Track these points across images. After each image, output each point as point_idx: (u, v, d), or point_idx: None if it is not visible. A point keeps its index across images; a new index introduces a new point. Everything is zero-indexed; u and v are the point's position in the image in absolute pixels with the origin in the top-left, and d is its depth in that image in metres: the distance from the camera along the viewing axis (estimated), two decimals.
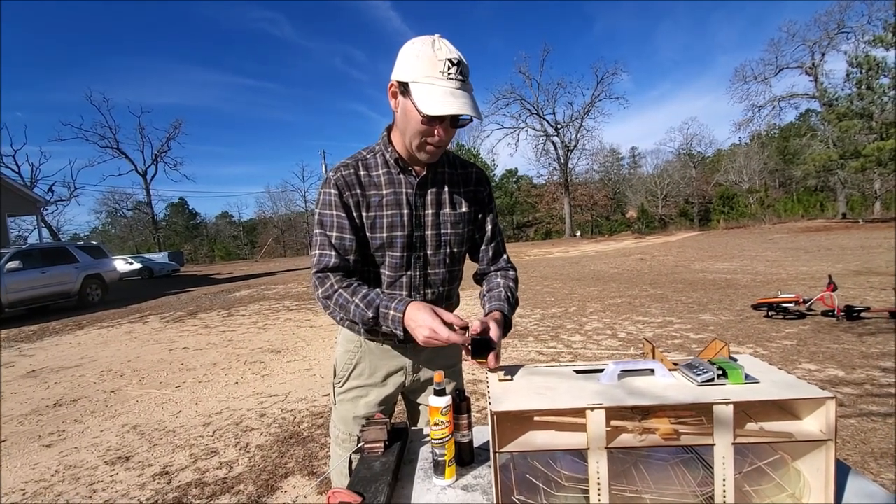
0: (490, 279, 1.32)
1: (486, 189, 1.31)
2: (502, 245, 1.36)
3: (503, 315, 1.16)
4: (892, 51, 19.53)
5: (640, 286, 8.61)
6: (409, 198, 1.18)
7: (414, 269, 1.22)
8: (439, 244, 1.23)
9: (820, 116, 29.86)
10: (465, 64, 1.03)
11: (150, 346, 6.41)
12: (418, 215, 1.20)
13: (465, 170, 1.28)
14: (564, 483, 0.83)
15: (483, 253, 1.33)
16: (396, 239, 1.18)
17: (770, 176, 41.66)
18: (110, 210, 44.26)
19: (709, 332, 4.92)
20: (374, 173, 1.19)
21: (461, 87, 1.02)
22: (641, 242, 24.26)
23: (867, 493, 0.81)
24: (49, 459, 3.01)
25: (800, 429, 0.80)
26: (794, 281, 7.83)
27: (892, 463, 2.26)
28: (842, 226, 21.70)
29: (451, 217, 1.23)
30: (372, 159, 1.20)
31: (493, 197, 1.35)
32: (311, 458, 2.74)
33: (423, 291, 1.24)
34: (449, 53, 1.02)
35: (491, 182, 1.35)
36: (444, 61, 1.01)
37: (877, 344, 4.10)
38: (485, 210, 1.31)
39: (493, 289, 1.27)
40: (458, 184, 1.25)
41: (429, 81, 1.01)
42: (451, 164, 1.26)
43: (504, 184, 47.96)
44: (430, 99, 1.00)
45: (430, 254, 1.22)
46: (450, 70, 1.01)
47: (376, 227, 1.18)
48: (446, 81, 1.01)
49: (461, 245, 1.27)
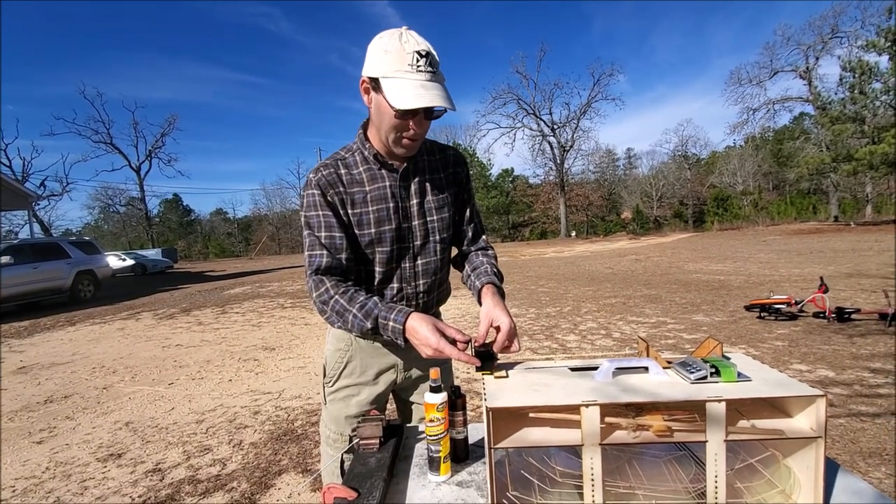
0: (471, 259, 1.32)
1: (463, 170, 1.31)
2: (480, 226, 1.36)
3: (496, 286, 1.18)
4: (884, 56, 19.70)
5: (635, 286, 8.65)
6: (394, 190, 1.18)
7: (405, 262, 1.22)
8: (427, 232, 1.23)
9: (813, 120, 30.11)
10: (434, 55, 1.03)
11: (142, 342, 6.38)
12: (404, 207, 1.19)
13: (442, 154, 1.28)
14: (559, 479, 0.84)
15: (462, 234, 1.33)
16: (385, 233, 1.18)
17: (764, 178, 41.96)
18: (103, 206, 43.94)
19: (702, 333, 4.95)
20: (354, 171, 1.18)
21: (432, 78, 1.02)
22: (636, 243, 24.36)
23: (855, 491, 0.82)
24: (40, 456, 2.99)
25: (791, 426, 0.81)
26: (786, 282, 7.89)
27: (880, 462, 2.29)
28: (833, 228, 21.89)
29: (434, 203, 1.23)
30: (350, 158, 1.20)
31: (471, 178, 1.35)
32: (306, 456, 2.74)
33: (414, 283, 1.24)
34: (417, 45, 1.01)
35: (468, 164, 1.34)
36: (413, 54, 1.00)
37: (867, 345, 4.14)
38: (463, 190, 1.31)
39: (477, 266, 1.27)
40: (438, 169, 1.25)
41: (398, 76, 1.01)
42: (429, 151, 1.26)
43: (500, 183, 47.94)
44: (401, 93, 1.00)
45: (419, 244, 1.22)
46: (419, 62, 1.00)
47: (363, 223, 1.17)
48: (416, 74, 1.00)
49: (448, 230, 1.27)
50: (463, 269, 1.34)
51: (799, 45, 30.17)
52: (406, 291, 1.23)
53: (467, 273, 1.30)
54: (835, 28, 28.31)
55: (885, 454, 2.36)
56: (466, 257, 1.35)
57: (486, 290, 1.17)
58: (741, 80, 33.29)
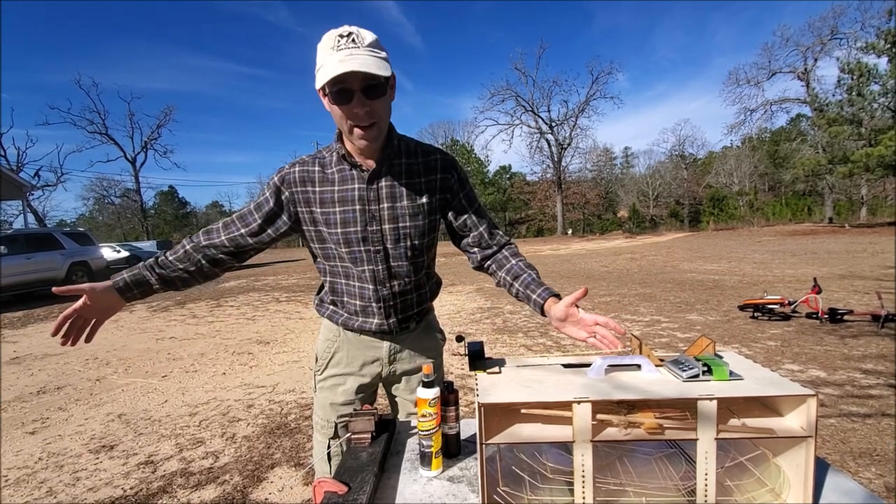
0: (503, 262, 1.27)
1: (453, 175, 1.24)
2: (492, 223, 1.31)
3: (555, 295, 1.15)
4: (883, 58, 19.77)
5: (630, 285, 8.67)
6: (361, 193, 1.16)
7: (376, 263, 1.20)
8: (398, 238, 1.20)
9: (810, 121, 30.15)
10: (358, 33, 1.02)
11: (136, 335, 6.35)
12: (371, 210, 1.17)
13: (426, 158, 1.22)
14: (550, 475, 0.84)
15: (479, 236, 1.28)
16: (350, 234, 1.17)
17: (760, 179, 42.14)
18: (98, 197, 43.58)
19: (695, 332, 4.97)
20: (328, 170, 1.19)
21: (352, 52, 1.00)
22: (632, 242, 24.42)
23: (845, 490, 0.83)
24: (32, 447, 2.98)
25: (781, 425, 0.82)
26: (780, 283, 7.93)
27: (870, 462, 2.31)
28: (828, 230, 22.01)
29: (408, 209, 1.19)
30: (329, 157, 1.20)
31: (467, 180, 1.29)
32: (298, 450, 2.74)
33: (388, 283, 1.22)
34: (340, 30, 1.02)
35: (459, 165, 1.28)
36: (335, 37, 1.01)
37: (858, 346, 4.17)
38: (456, 197, 1.26)
39: (519, 274, 1.22)
40: (418, 174, 1.20)
41: (323, 62, 1.02)
42: (410, 153, 1.21)
43: (497, 180, 47.96)
44: (322, 74, 1.01)
45: (390, 247, 1.20)
46: (339, 42, 1.00)
47: (331, 223, 1.18)
48: (336, 53, 1.00)
49: (423, 237, 1.23)
50: (495, 273, 1.28)
51: (797, 46, 30.21)
52: (382, 293, 1.22)
53: (507, 280, 1.24)
54: (834, 29, 28.34)
55: (875, 454, 2.38)
56: (493, 259, 1.29)
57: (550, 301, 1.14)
58: (739, 81, 33.30)
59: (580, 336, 1.06)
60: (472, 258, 1.32)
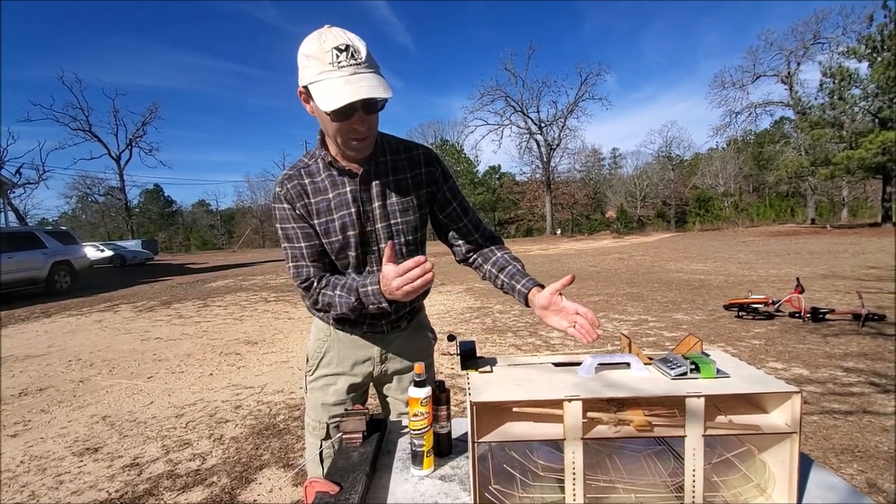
0: (488, 255, 1.28)
1: (437, 168, 1.25)
2: (476, 216, 1.32)
3: (541, 285, 1.15)
4: (864, 62, 20.19)
5: (618, 285, 8.75)
6: (355, 195, 1.16)
7: (372, 265, 1.21)
8: (391, 235, 1.20)
9: (793, 124, 30.70)
10: (354, 46, 0.98)
11: (121, 335, 6.25)
12: (366, 211, 1.17)
13: (409, 153, 1.22)
14: (540, 473, 0.85)
15: (463, 228, 1.29)
16: (351, 238, 1.17)
17: (744, 181, 42.82)
18: (81, 195, 42.85)
19: (682, 331, 5.03)
20: (317, 179, 1.18)
21: (356, 71, 0.98)
22: (620, 242, 24.64)
23: (828, 485, 0.85)
24: (14, 450, 2.92)
25: (767, 422, 0.83)
26: (764, 283, 8.06)
27: (851, 458, 2.36)
28: (811, 231, 22.41)
29: (398, 206, 1.20)
30: (314, 165, 1.19)
31: (450, 173, 1.29)
32: (287, 451, 2.72)
33: None
34: (335, 41, 0.97)
35: (440, 159, 1.28)
36: (331, 52, 0.97)
37: (840, 345, 4.26)
38: (441, 189, 1.26)
39: (504, 266, 1.23)
40: (403, 169, 1.21)
41: (322, 78, 0.98)
42: (392, 150, 1.21)
43: (487, 180, 48.06)
44: (328, 95, 0.97)
45: (384, 247, 1.19)
46: (339, 58, 0.97)
47: (330, 231, 1.17)
48: (338, 71, 0.97)
49: (415, 232, 1.24)
50: (481, 266, 1.29)
51: (781, 50, 30.76)
52: None
53: (492, 273, 1.25)
54: (817, 34, 28.89)
55: (856, 451, 2.43)
56: (479, 252, 1.30)
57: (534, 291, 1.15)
58: (725, 84, 33.83)
59: (561, 326, 1.07)
60: (456, 251, 1.33)
